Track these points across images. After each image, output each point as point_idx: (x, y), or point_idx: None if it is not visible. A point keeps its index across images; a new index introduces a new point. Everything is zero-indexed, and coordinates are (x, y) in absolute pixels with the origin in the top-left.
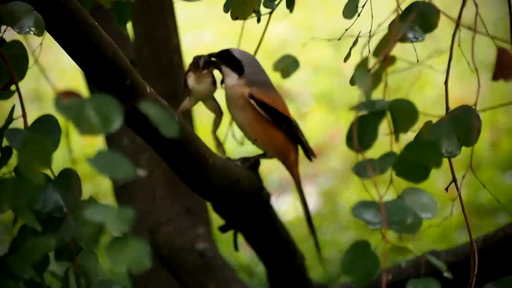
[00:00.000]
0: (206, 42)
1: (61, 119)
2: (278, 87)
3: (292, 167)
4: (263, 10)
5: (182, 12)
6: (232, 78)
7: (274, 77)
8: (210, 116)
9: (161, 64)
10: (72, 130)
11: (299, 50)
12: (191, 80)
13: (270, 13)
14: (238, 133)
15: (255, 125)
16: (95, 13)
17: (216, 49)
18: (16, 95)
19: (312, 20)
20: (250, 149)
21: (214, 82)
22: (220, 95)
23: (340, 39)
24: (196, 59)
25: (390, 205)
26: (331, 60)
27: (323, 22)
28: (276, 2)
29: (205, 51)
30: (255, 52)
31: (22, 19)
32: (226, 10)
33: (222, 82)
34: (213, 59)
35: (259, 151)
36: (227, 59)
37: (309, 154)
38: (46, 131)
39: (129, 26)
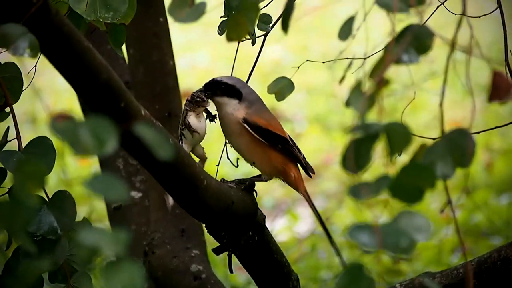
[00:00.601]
0: (201, 65)
1: (55, 141)
2: (272, 109)
3: (296, 185)
4: (258, 32)
5: (177, 34)
6: (233, 104)
7: (269, 99)
8: (205, 138)
9: (155, 87)
10: (66, 152)
11: (293, 72)
12: (193, 119)
13: (265, 35)
14: (233, 155)
15: (252, 149)
16: (90, 35)
17: (211, 71)
18: (10, 117)
19: (306, 42)
20: (246, 171)
21: (211, 118)
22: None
23: (335, 61)
24: (193, 96)
25: (385, 227)
26: (326, 82)
27: (317, 44)
28: (270, 25)
29: (199, 73)
30: (250, 74)
31: (17, 41)
32: (220, 33)
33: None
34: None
35: (255, 173)
36: (219, 89)
37: (308, 171)
38: (40, 153)
39: (123, 48)
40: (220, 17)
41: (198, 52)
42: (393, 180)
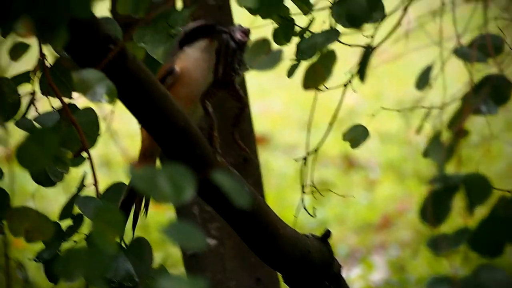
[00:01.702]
0: (274, 110)
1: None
2: (345, 156)
3: None
4: (335, 80)
5: (250, 80)
6: None
7: (343, 146)
8: (279, 185)
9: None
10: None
11: (367, 119)
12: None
13: (345, 85)
14: (308, 202)
15: None
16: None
17: (284, 116)
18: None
19: (380, 89)
20: (321, 218)
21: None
22: None
23: (410, 110)
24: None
25: (465, 281)
26: (399, 129)
27: (391, 91)
28: (349, 74)
29: (273, 119)
30: (331, 124)
31: (95, 87)
32: (289, 76)
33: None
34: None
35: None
36: None
37: None
38: (118, 199)
39: None
40: (290, 60)
41: (271, 97)
42: (472, 233)
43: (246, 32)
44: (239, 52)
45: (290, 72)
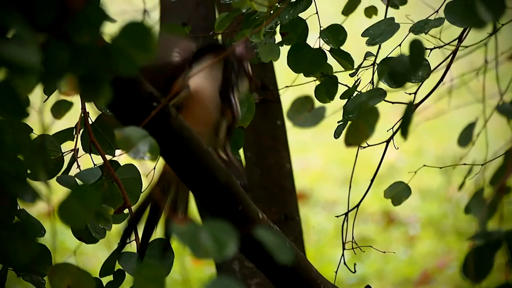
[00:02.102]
0: (314, 166)
1: (173, 243)
2: (384, 212)
3: None
4: (375, 136)
5: (290, 136)
6: None
7: (382, 202)
8: (318, 241)
9: (272, 190)
10: (185, 253)
11: (407, 176)
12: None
13: (387, 142)
14: (348, 256)
15: None
16: None
17: (323, 173)
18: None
19: (420, 145)
20: (360, 274)
21: None
22: None
23: (454, 167)
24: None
25: None
26: (439, 185)
27: (431, 147)
28: (389, 131)
29: (312, 175)
30: (372, 180)
31: (138, 145)
32: (336, 137)
33: None
34: None
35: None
36: None
37: None
38: (158, 255)
39: (240, 151)
40: (338, 122)
41: (310, 154)
42: None
43: (247, 47)
44: (239, 66)
45: (337, 133)
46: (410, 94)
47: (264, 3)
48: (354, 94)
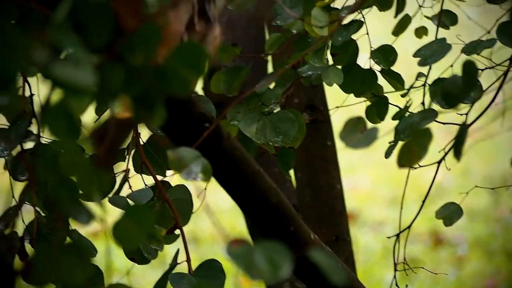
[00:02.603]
0: (362, 187)
1: (224, 264)
2: (432, 232)
3: None
4: (430, 157)
5: (339, 156)
6: None
7: (430, 222)
8: (367, 262)
9: (323, 210)
10: (237, 274)
11: (455, 196)
12: None
13: (438, 163)
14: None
15: None
16: (259, 158)
17: (372, 194)
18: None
19: (467, 165)
20: None
21: None
22: None
23: (507, 188)
24: None
25: None
26: (487, 206)
27: (478, 167)
28: (441, 151)
29: (360, 196)
30: (424, 201)
31: (190, 165)
32: (387, 157)
33: None
34: None
35: None
36: None
37: None
38: (211, 276)
39: (291, 171)
40: (389, 142)
41: (359, 174)
42: None
43: None
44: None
45: (388, 153)
46: (461, 115)
47: (319, 28)
48: (406, 115)
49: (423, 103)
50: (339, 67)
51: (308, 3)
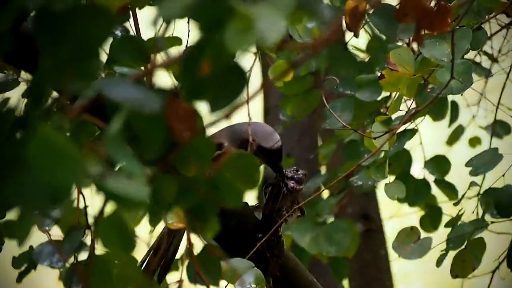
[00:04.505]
0: None
1: None
2: None
3: None
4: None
5: (393, 264)
6: None
7: None
8: None
9: None
10: None
11: None
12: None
13: (493, 272)
14: None
15: None
16: (312, 267)
17: None
18: None
19: None
20: None
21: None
22: None
23: None
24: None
25: None
26: None
27: None
28: (495, 261)
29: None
30: None
31: (243, 276)
32: (438, 265)
33: None
34: None
35: None
36: None
37: None
38: None
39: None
40: (441, 251)
41: (413, 281)
42: None
43: (299, 180)
44: (290, 198)
45: (439, 262)
46: None
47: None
48: (458, 223)
49: (476, 213)
50: (393, 177)
51: (358, 107)
